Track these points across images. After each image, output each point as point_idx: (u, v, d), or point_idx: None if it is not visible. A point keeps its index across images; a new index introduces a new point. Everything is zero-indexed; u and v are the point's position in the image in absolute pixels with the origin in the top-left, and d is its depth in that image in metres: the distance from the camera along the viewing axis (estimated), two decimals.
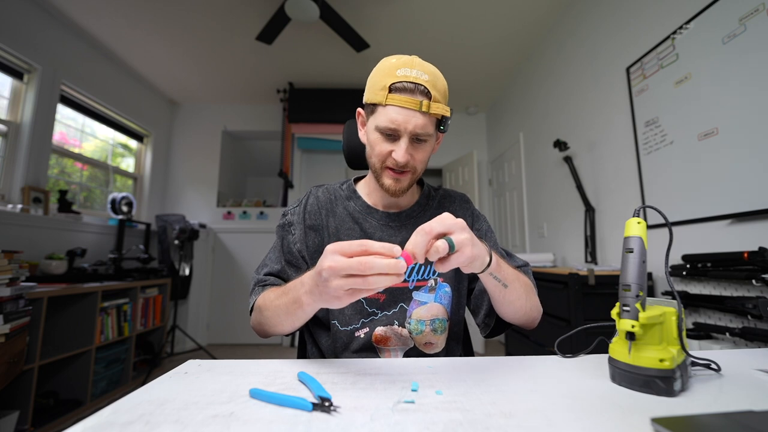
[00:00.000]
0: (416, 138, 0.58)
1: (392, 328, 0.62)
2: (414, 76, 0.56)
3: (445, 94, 0.60)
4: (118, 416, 0.34)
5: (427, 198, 0.72)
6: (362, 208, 0.68)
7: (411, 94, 0.55)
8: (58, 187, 2.47)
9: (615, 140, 1.83)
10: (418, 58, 0.59)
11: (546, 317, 1.72)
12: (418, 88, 0.55)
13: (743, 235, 1.18)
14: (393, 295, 0.63)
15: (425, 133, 0.57)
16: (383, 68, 0.59)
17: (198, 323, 3.22)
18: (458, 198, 0.75)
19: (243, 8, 2.30)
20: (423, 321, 0.63)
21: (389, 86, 0.56)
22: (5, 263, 1.36)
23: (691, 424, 0.33)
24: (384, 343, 0.62)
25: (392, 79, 0.56)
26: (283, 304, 0.52)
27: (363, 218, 0.67)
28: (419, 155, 0.60)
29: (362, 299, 0.63)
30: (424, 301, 0.63)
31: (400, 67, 0.57)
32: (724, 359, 0.49)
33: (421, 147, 0.60)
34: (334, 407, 0.35)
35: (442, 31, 2.51)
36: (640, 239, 0.43)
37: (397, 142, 0.57)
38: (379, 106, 0.58)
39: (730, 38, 1.22)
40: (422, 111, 0.55)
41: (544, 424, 0.33)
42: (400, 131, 0.56)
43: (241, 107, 3.72)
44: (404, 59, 0.58)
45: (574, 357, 0.53)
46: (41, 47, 2.24)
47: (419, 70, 0.56)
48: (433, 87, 0.56)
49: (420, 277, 0.64)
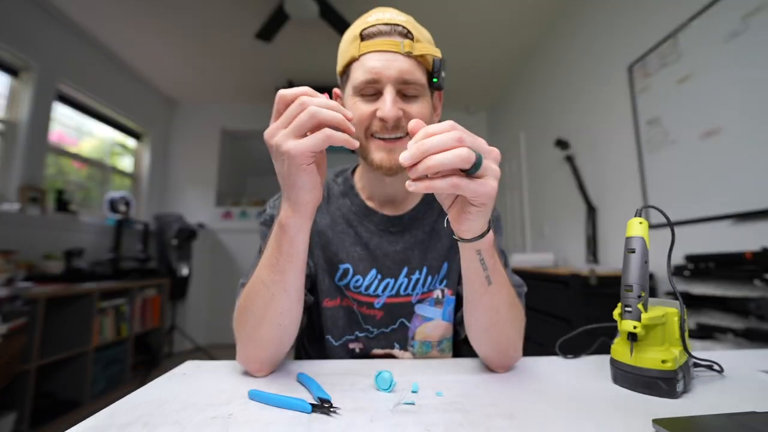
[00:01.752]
0: (404, 90, 0.46)
1: (391, 352, 0.54)
2: (388, 18, 0.47)
3: (430, 41, 0.50)
4: (116, 417, 0.33)
5: (431, 200, 0.58)
6: (359, 208, 0.57)
7: (388, 36, 0.46)
8: (55, 186, 2.46)
9: (617, 139, 1.82)
10: (391, 8, 0.50)
11: (547, 318, 1.71)
12: (395, 29, 0.46)
13: (746, 235, 1.18)
14: (391, 311, 0.54)
15: (414, 80, 0.46)
16: (353, 25, 0.50)
17: (197, 324, 3.21)
18: None
19: (242, 6, 2.29)
20: (429, 343, 0.54)
21: (360, 33, 0.46)
22: (2, 263, 1.36)
23: (694, 425, 0.32)
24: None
25: (364, 25, 0.47)
26: (263, 262, 0.41)
27: (358, 221, 0.57)
28: (414, 111, 0.47)
29: (356, 312, 0.54)
30: (429, 317, 0.54)
31: (372, 13, 0.48)
32: (727, 360, 0.49)
33: (414, 102, 0.47)
34: (333, 408, 0.35)
35: (443, 29, 2.51)
36: (642, 239, 0.43)
37: (381, 98, 0.46)
38: (353, 64, 0.47)
39: (732, 37, 1.22)
40: (404, 53, 0.45)
41: (545, 425, 0.32)
42: (381, 80, 0.45)
43: (240, 106, 3.71)
44: (376, 8, 0.49)
45: (576, 358, 0.53)
46: (38, 45, 2.22)
47: (394, 13, 0.48)
48: (414, 28, 0.47)
49: (425, 290, 0.55)
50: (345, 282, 0.55)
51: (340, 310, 0.55)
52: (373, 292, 0.54)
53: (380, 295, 0.54)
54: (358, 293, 0.54)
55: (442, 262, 0.56)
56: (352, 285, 0.55)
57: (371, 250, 0.55)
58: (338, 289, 0.56)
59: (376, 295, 0.54)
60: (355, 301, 0.55)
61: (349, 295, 0.55)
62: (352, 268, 0.55)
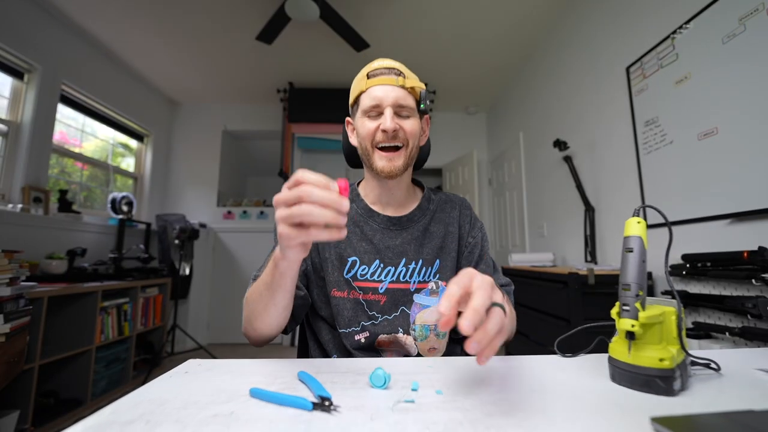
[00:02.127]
0: (400, 112, 0.62)
1: (396, 336, 0.62)
2: (387, 63, 0.64)
3: (417, 79, 0.66)
4: (118, 415, 0.34)
5: (428, 201, 0.72)
6: (363, 210, 0.69)
7: (386, 75, 0.62)
8: (58, 186, 2.47)
9: (615, 140, 1.83)
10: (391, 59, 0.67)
11: (546, 317, 1.72)
12: (392, 71, 0.63)
13: (743, 235, 1.18)
14: (394, 297, 0.64)
15: (406, 104, 0.62)
16: (361, 71, 0.66)
17: (198, 323, 3.22)
18: (459, 203, 0.75)
19: (243, 8, 2.30)
20: (427, 326, 0.62)
21: (367, 74, 0.63)
22: (5, 263, 1.36)
23: (691, 423, 0.33)
24: (386, 345, 0.63)
25: (369, 69, 0.64)
26: (263, 277, 0.52)
27: (364, 221, 0.68)
28: (407, 126, 0.62)
29: (362, 302, 0.63)
30: (426, 305, 0.63)
31: (375, 61, 0.65)
32: (724, 359, 0.49)
33: (408, 120, 0.62)
34: (334, 407, 0.35)
35: (442, 30, 2.51)
36: (639, 239, 0.43)
37: (382, 116, 0.61)
38: (362, 95, 0.63)
39: (729, 38, 1.22)
40: (399, 85, 0.61)
41: (544, 423, 0.33)
42: (382, 104, 0.61)
43: (242, 107, 3.72)
44: (377, 59, 0.67)
45: (574, 356, 0.53)
46: (42, 47, 2.24)
47: (390, 60, 0.65)
48: (405, 69, 0.64)
49: (421, 279, 0.65)
50: (353, 273, 0.65)
51: (348, 302, 0.64)
52: (377, 278, 0.64)
53: (383, 280, 0.64)
54: (365, 280, 0.64)
55: (434, 258, 0.67)
56: (359, 274, 0.65)
57: (375, 244, 0.66)
58: (347, 282, 0.65)
59: (380, 280, 0.64)
60: (361, 291, 0.64)
61: (356, 285, 0.64)
62: (359, 260, 0.65)
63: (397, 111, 0.61)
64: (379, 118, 0.61)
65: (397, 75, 0.62)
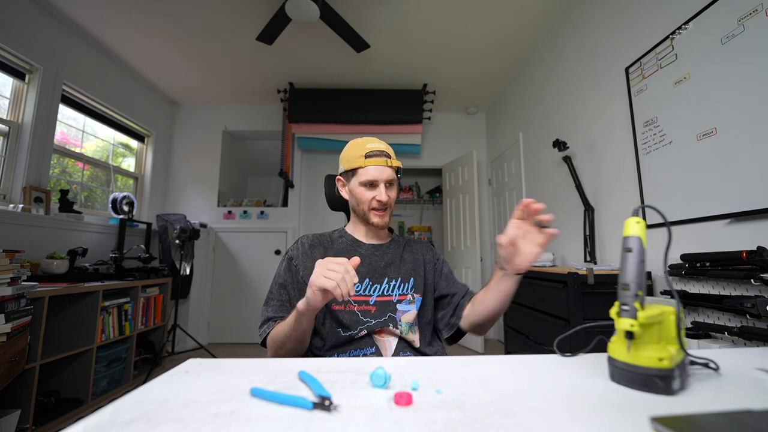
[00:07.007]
0: (388, 184, 0.85)
1: (388, 329, 0.82)
2: (378, 147, 0.84)
3: (396, 159, 0.88)
4: (119, 415, 0.34)
5: (398, 237, 0.99)
6: (351, 241, 0.91)
7: (379, 157, 0.83)
8: (59, 186, 2.47)
9: (614, 140, 1.83)
10: (376, 138, 0.88)
11: (545, 316, 1.72)
12: (383, 153, 0.84)
13: (742, 235, 1.18)
14: (381, 307, 0.82)
15: (392, 179, 0.85)
16: (355, 145, 0.86)
17: (199, 322, 3.22)
18: (422, 242, 1.00)
19: (243, 9, 2.30)
20: (409, 323, 0.83)
21: (365, 155, 0.83)
22: (6, 263, 1.37)
23: (690, 423, 0.33)
24: (380, 334, 0.82)
25: (365, 150, 0.84)
26: (288, 321, 0.71)
27: (354, 250, 0.90)
28: (392, 194, 0.87)
29: (357, 312, 0.81)
30: (406, 310, 0.84)
31: (368, 143, 0.85)
32: (723, 358, 0.49)
33: (392, 189, 0.86)
34: (334, 406, 0.35)
35: (442, 30, 2.51)
36: (638, 239, 0.43)
37: (377, 188, 0.83)
38: (359, 169, 0.84)
39: (728, 38, 1.22)
40: (388, 166, 0.84)
41: (543, 423, 0.33)
42: (378, 181, 0.83)
43: (242, 107, 3.73)
44: (367, 138, 0.87)
45: (574, 356, 0.54)
46: (42, 48, 2.24)
47: (380, 143, 0.86)
48: (390, 151, 0.87)
49: (401, 292, 0.85)
50: None
51: (344, 314, 0.81)
52: (367, 293, 0.84)
53: (372, 294, 0.84)
54: (358, 295, 0.83)
55: (410, 276, 0.88)
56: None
57: (365, 266, 0.86)
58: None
59: (369, 295, 0.84)
60: (355, 304, 0.82)
61: (351, 299, 0.82)
62: None
63: (386, 184, 0.84)
64: (374, 189, 0.84)
65: (387, 157, 0.84)
